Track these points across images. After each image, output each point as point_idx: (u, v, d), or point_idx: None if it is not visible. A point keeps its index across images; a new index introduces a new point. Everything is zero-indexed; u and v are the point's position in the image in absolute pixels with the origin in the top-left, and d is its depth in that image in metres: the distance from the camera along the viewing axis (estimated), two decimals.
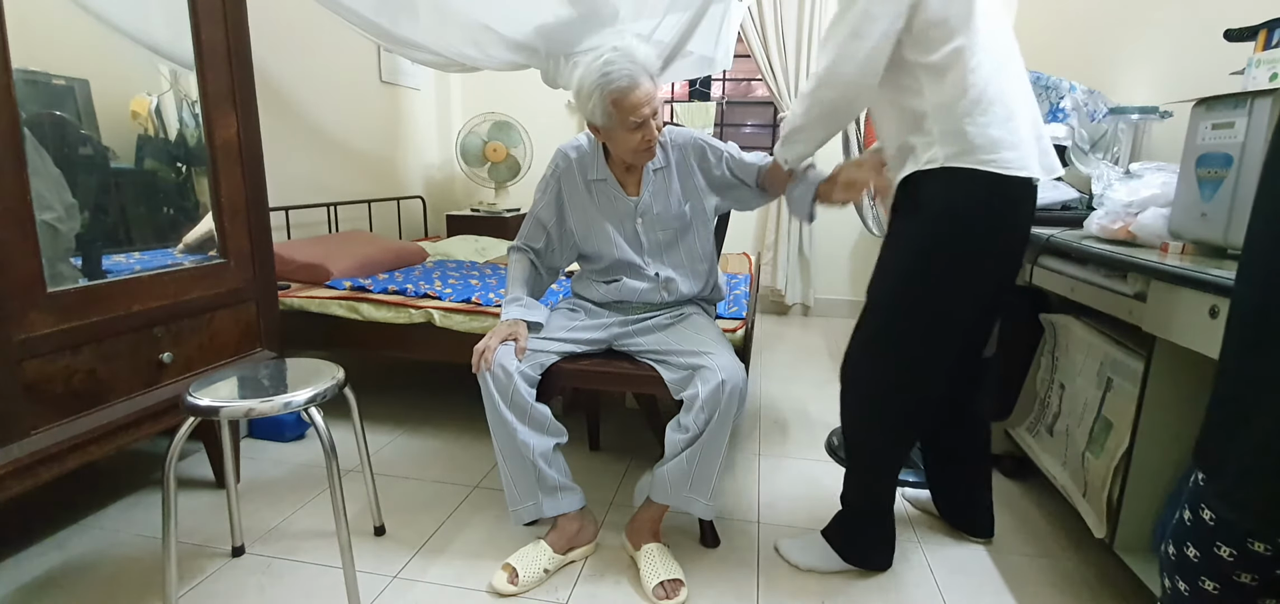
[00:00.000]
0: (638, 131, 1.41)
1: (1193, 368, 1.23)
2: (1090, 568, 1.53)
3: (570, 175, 1.58)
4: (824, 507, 1.78)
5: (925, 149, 1.23)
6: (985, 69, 1.19)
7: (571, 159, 1.57)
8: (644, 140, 1.42)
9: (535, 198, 1.63)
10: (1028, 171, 1.22)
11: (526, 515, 1.48)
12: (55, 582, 1.43)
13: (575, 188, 1.58)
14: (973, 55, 1.18)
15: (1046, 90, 2.00)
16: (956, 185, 1.21)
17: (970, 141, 1.18)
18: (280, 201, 2.51)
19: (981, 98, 1.18)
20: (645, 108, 1.38)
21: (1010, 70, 1.24)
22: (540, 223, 1.62)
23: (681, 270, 1.60)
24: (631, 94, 1.36)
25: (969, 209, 1.23)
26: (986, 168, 1.18)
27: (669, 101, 4.03)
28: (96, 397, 1.41)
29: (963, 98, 1.18)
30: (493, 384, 1.43)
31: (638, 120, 1.39)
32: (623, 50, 1.37)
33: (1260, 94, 1.18)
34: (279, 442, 2.11)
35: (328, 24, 2.55)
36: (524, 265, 1.62)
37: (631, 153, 1.46)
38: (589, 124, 1.46)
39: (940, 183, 1.22)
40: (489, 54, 2.59)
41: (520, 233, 1.65)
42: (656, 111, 1.42)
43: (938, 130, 1.21)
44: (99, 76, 1.48)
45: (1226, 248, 1.24)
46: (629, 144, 1.43)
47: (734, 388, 1.36)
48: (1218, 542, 0.74)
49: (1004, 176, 1.19)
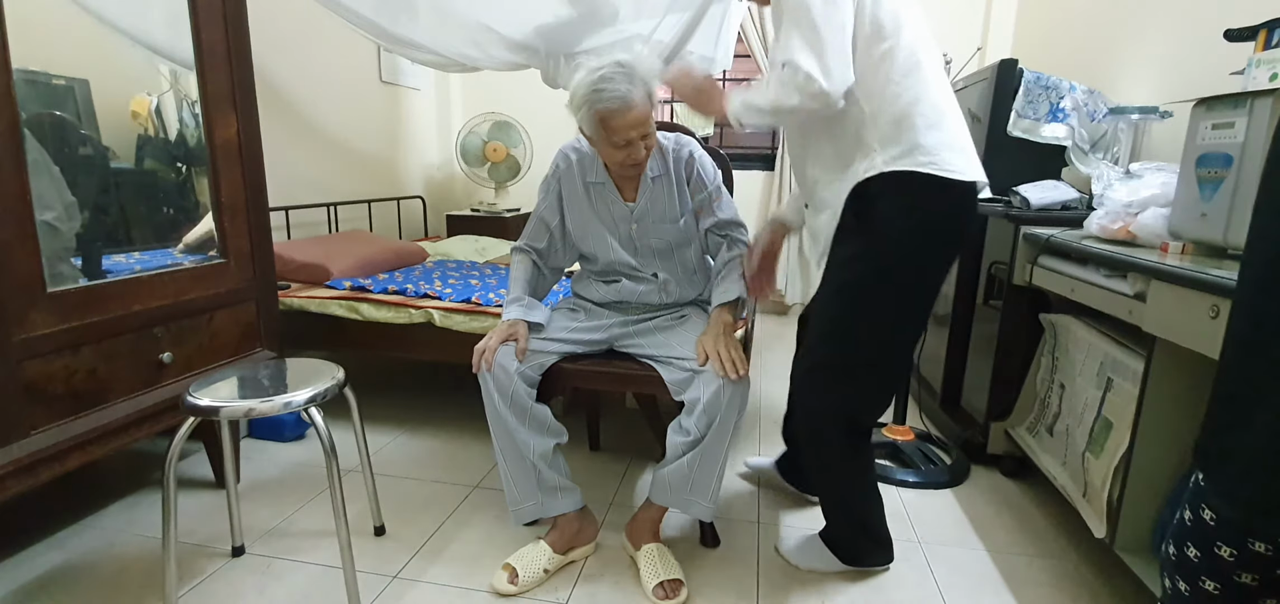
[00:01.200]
0: (622, 150, 1.40)
1: (1193, 368, 1.23)
2: (1090, 568, 1.53)
3: (570, 176, 1.57)
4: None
5: (864, 158, 1.22)
6: (918, 75, 1.19)
7: (572, 160, 1.57)
8: (629, 158, 1.41)
9: (538, 197, 1.63)
10: (971, 176, 1.22)
11: (526, 515, 1.48)
12: (55, 582, 1.43)
13: (574, 189, 1.58)
14: (907, 59, 1.18)
15: (1046, 90, 2.00)
16: (904, 191, 1.19)
17: (914, 144, 1.18)
18: (280, 201, 2.51)
19: (918, 103, 1.18)
20: (633, 131, 1.36)
21: (940, 79, 1.24)
22: (543, 222, 1.62)
23: (676, 276, 1.61)
24: (619, 117, 1.34)
25: (922, 214, 1.21)
26: (927, 170, 1.18)
27: (669, 102, 4.03)
28: (96, 397, 1.41)
29: (896, 103, 1.18)
30: (493, 384, 1.43)
31: (622, 140, 1.38)
32: (625, 68, 1.33)
33: (1260, 94, 1.18)
34: (279, 442, 2.11)
35: (328, 24, 2.55)
36: (526, 266, 1.62)
37: (616, 167, 1.47)
38: (579, 129, 1.45)
39: (887, 192, 1.20)
40: (489, 54, 2.59)
41: (524, 232, 1.65)
42: (647, 135, 1.40)
43: (876, 139, 1.20)
44: (99, 76, 1.48)
45: (1226, 248, 1.24)
46: (613, 159, 1.43)
47: (735, 392, 1.36)
48: (1218, 542, 0.74)
49: (950, 180, 1.19)
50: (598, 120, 1.35)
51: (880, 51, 1.18)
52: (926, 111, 1.19)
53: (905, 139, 1.18)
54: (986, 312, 2.10)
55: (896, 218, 1.21)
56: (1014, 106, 2.02)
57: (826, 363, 1.35)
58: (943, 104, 1.22)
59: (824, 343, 1.35)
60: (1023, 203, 1.89)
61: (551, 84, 2.76)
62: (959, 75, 2.79)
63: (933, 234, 1.24)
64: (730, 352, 1.38)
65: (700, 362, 1.39)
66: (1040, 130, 2.02)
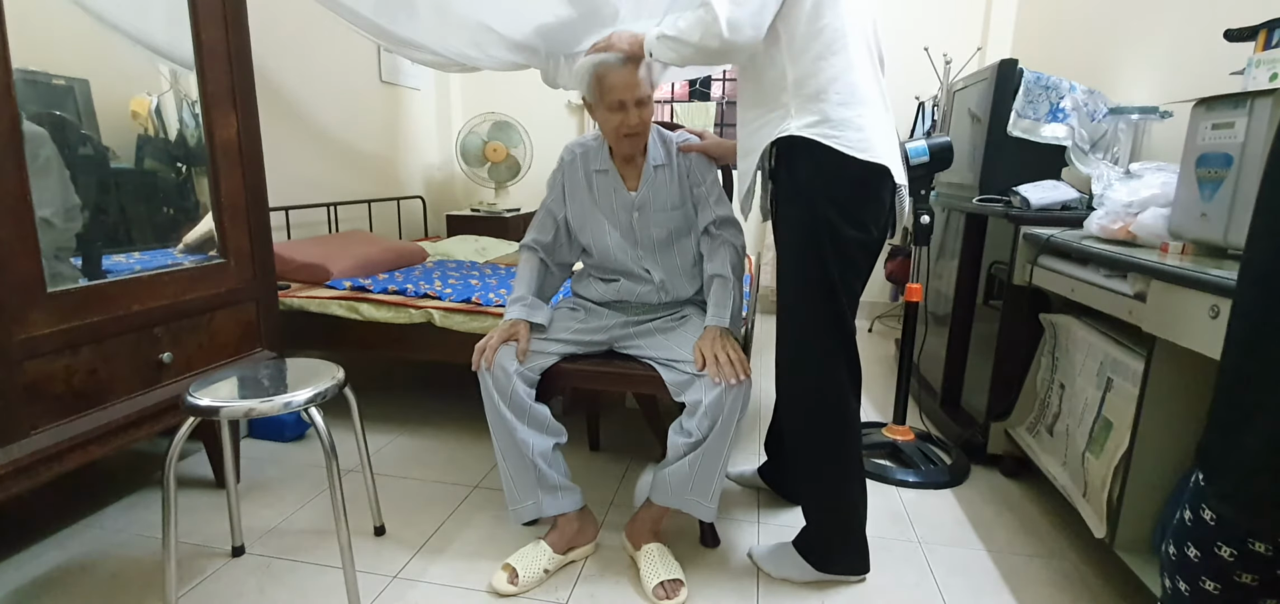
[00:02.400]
0: (617, 114, 1.44)
1: (1193, 368, 1.23)
2: (1090, 568, 1.53)
3: (574, 168, 1.60)
4: None
5: (782, 117, 1.29)
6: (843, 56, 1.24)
7: (577, 153, 1.61)
8: (623, 125, 1.45)
9: (547, 191, 1.66)
10: (878, 157, 1.26)
11: (526, 514, 1.48)
12: (55, 582, 1.43)
13: (577, 180, 1.60)
14: (835, 38, 1.24)
15: (1046, 90, 2.00)
16: (813, 157, 1.26)
17: (824, 116, 1.25)
18: (280, 201, 2.51)
19: (835, 81, 1.24)
20: (626, 93, 1.42)
21: (866, 65, 1.29)
22: (550, 213, 1.64)
23: (673, 272, 1.61)
24: (614, 75, 1.41)
25: (824, 182, 1.27)
26: (829, 143, 1.24)
27: (669, 101, 4.03)
28: (96, 397, 1.41)
29: (816, 78, 1.25)
30: (492, 384, 1.43)
31: (615, 101, 1.43)
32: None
33: (1260, 94, 1.18)
34: (279, 442, 2.11)
35: (328, 24, 2.54)
36: (532, 265, 1.63)
37: (612, 135, 1.49)
38: (583, 100, 1.51)
39: (801, 155, 1.28)
40: (489, 54, 2.59)
41: (531, 227, 1.67)
42: (642, 103, 1.45)
43: (793, 103, 1.27)
44: (99, 76, 1.48)
45: (1226, 248, 1.24)
46: (608, 124, 1.47)
47: (738, 394, 1.36)
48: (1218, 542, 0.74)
49: (851, 157, 1.24)
50: (595, 80, 1.43)
51: (817, 27, 1.24)
52: (842, 91, 1.25)
53: (816, 110, 1.26)
54: (986, 311, 2.10)
55: (810, 180, 1.29)
56: (1014, 106, 2.02)
57: (785, 339, 1.40)
58: (862, 88, 1.27)
59: (783, 325, 1.41)
60: (1023, 203, 1.89)
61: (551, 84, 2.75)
62: (959, 75, 2.80)
63: (837, 205, 1.28)
64: (730, 355, 1.38)
65: (698, 367, 1.39)
66: (1040, 130, 2.02)
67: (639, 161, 1.56)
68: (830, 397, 1.37)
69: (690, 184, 1.58)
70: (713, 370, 1.36)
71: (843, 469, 1.40)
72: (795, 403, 1.43)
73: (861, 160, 1.25)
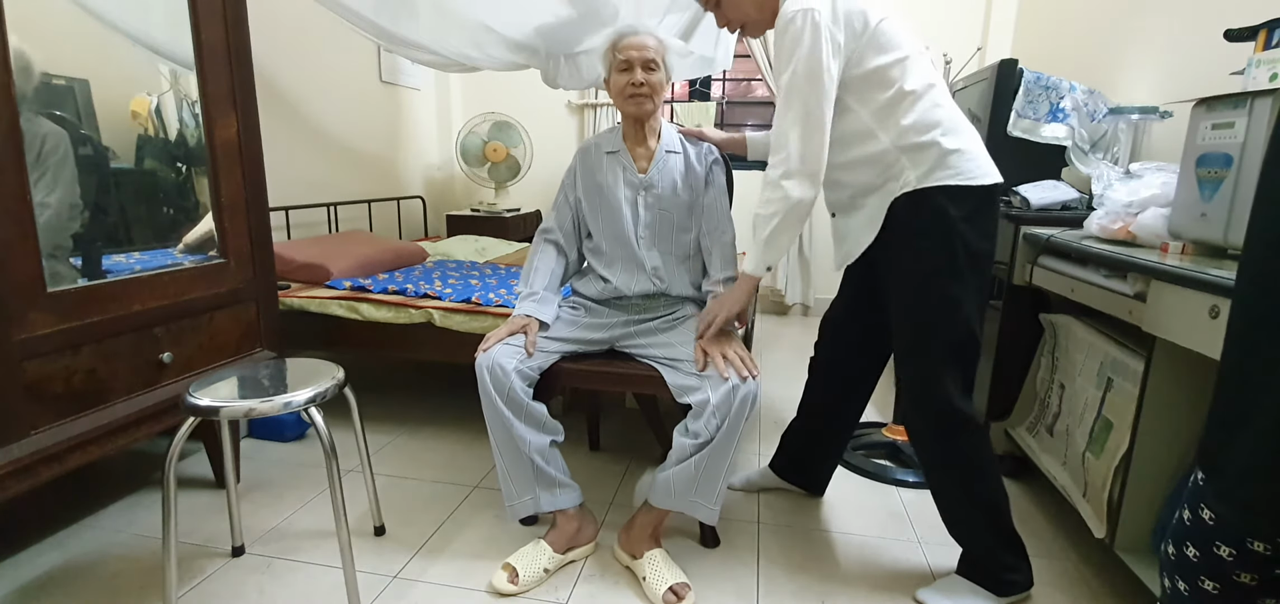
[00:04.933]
0: (624, 74, 1.52)
1: (1193, 368, 1.23)
2: (1090, 568, 1.53)
3: (587, 153, 1.67)
4: (825, 508, 1.79)
5: (897, 178, 1.30)
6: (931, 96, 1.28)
7: (592, 142, 1.68)
8: (629, 85, 1.52)
9: (560, 191, 1.72)
10: (993, 176, 1.29)
11: (523, 510, 1.48)
12: (55, 582, 1.43)
13: (589, 163, 1.65)
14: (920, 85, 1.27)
15: (1046, 90, 2.00)
16: (942, 197, 1.27)
17: (940, 161, 1.26)
18: (280, 201, 2.51)
19: (938, 125, 1.27)
20: (634, 52, 1.51)
21: (946, 94, 1.32)
22: (565, 199, 1.69)
23: (669, 261, 1.62)
24: (629, 38, 1.53)
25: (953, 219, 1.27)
26: (954, 182, 1.26)
27: (669, 101, 4.03)
28: (96, 397, 1.41)
29: (920, 132, 1.27)
30: (489, 380, 1.43)
31: (623, 60, 1.52)
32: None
33: (1260, 94, 1.18)
34: (279, 442, 2.11)
35: (328, 24, 2.55)
36: (548, 254, 1.67)
37: (619, 96, 1.56)
38: (604, 81, 1.61)
39: (922, 200, 1.28)
40: (489, 54, 2.59)
41: (547, 216, 1.71)
42: (650, 66, 1.52)
43: (907, 161, 1.29)
44: (99, 76, 1.48)
45: (1226, 248, 1.24)
46: (617, 86, 1.55)
47: (747, 393, 1.35)
48: (1217, 541, 0.74)
49: (974, 187, 1.26)
50: (611, 47, 1.56)
51: (889, 96, 1.27)
52: (943, 125, 1.27)
53: (928, 156, 1.27)
54: (986, 312, 2.10)
55: (937, 216, 1.28)
56: (1014, 106, 2.02)
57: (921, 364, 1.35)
58: (951, 112, 1.30)
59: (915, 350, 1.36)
60: (1023, 203, 1.89)
61: (551, 84, 2.76)
62: (959, 75, 2.79)
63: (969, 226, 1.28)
64: (735, 352, 1.38)
65: (699, 367, 1.39)
66: (1040, 130, 2.02)
67: (651, 145, 1.61)
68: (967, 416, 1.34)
69: (701, 185, 1.62)
70: (720, 367, 1.36)
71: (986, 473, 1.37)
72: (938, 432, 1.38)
73: (984, 186, 1.27)
